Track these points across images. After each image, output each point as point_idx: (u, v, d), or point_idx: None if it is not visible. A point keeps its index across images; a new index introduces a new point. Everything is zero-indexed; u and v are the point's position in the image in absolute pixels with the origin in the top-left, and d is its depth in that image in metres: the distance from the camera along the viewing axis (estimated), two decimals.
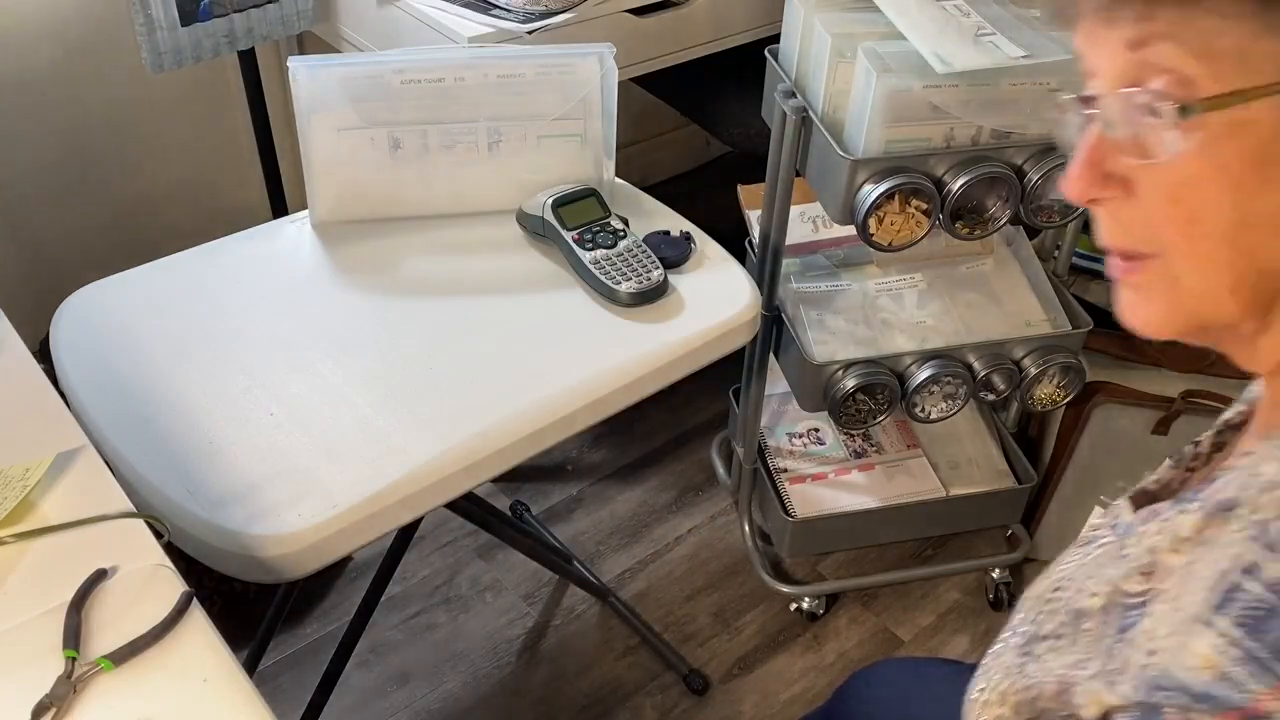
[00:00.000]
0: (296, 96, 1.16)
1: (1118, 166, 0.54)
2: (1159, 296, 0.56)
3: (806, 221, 1.64)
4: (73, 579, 0.75)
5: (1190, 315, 0.56)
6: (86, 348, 1.07)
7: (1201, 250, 0.53)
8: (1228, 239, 0.52)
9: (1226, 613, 0.48)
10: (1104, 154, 0.54)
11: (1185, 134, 0.50)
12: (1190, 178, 0.51)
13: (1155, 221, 0.53)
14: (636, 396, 1.08)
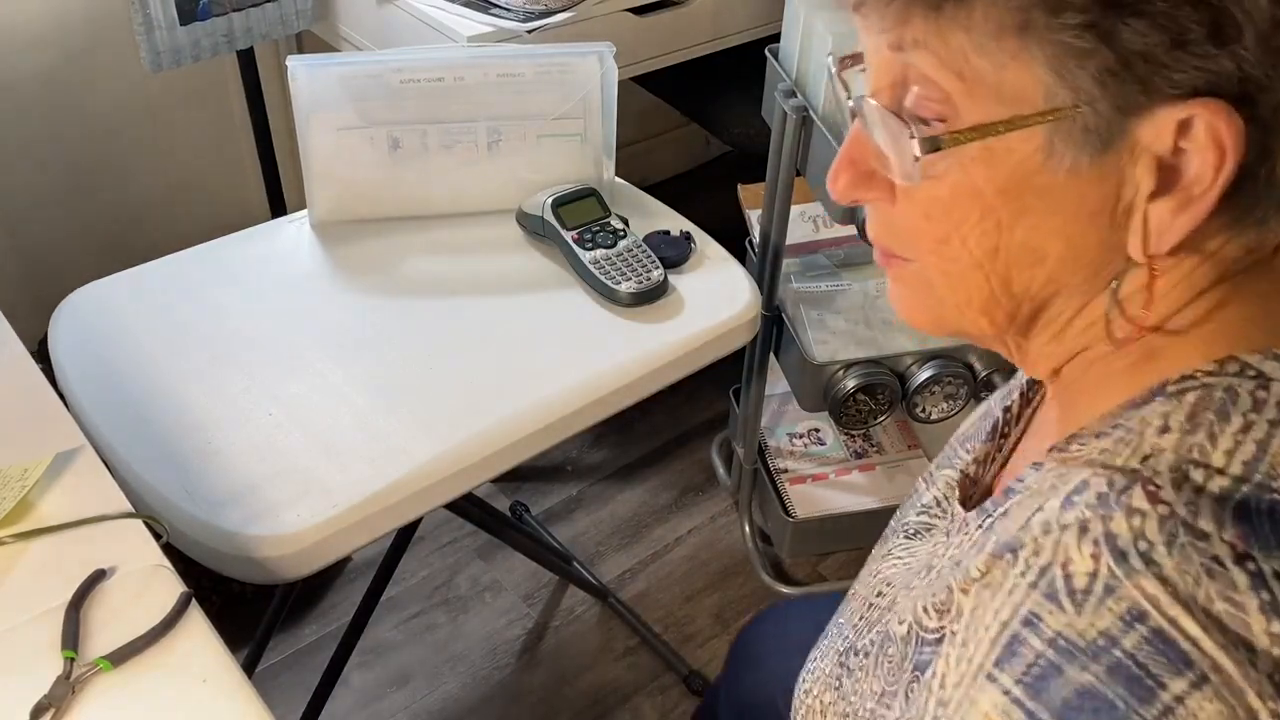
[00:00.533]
0: (295, 96, 1.16)
1: (880, 168, 0.51)
2: (917, 297, 0.55)
3: (807, 221, 1.63)
4: (71, 579, 0.75)
5: (945, 322, 0.55)
6: (85, 348, 1.06)
7: (952, 270, 0.51)
8: (977, 263, 0.50)
9: (1009, 669, 0.45)
10: (865, 154, 0.52)
11: (934, 161, 0.47)
12: (941, 199, 0.49)
13: (910, 233, 0.52)
14: (636, 396, 1.07)
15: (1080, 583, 0.44)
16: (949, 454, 0.71)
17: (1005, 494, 0.53)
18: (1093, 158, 0.45)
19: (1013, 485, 0.53)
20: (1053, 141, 0.45)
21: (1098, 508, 0.45)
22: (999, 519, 0.52)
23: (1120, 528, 0.44)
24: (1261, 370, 0.47)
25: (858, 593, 0.69)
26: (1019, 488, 0.52)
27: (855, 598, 0.69)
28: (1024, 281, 0.50)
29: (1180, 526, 0.43)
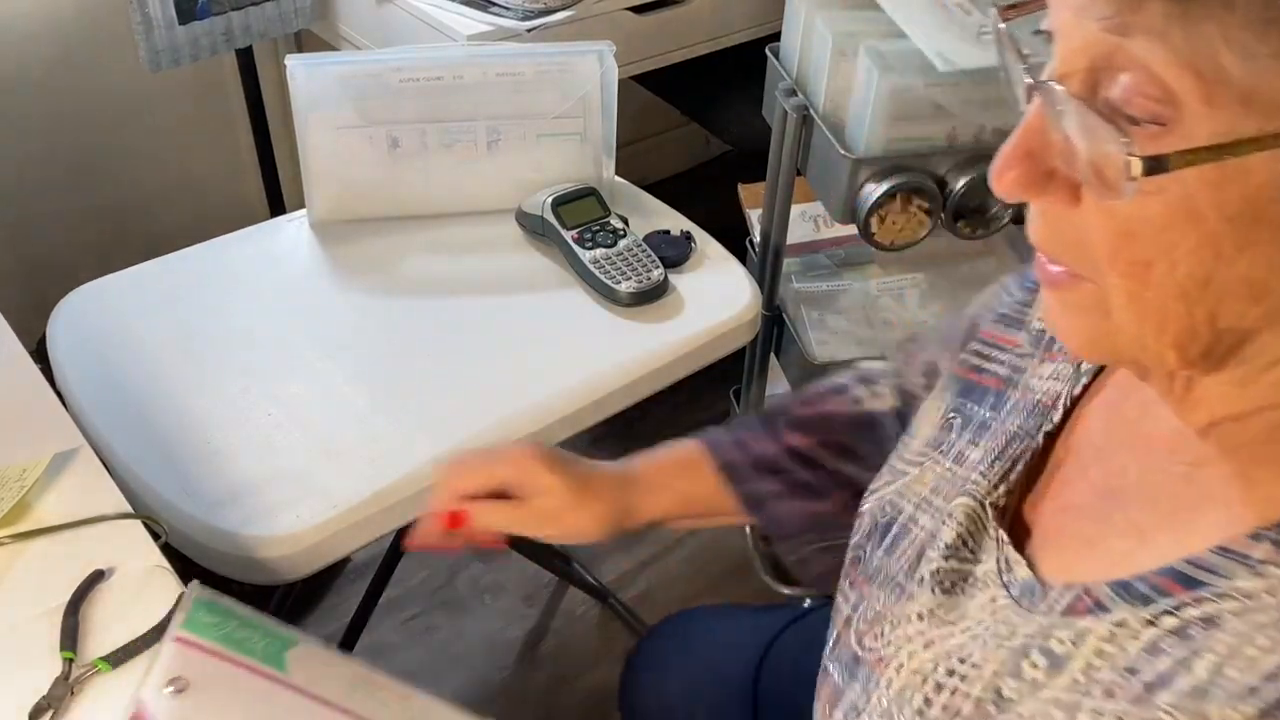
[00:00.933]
0: (294, 95, 1.15)
1: (1063, 167, 0.43)
2: (1086, 321, 0.46)
3: (807, 221, 1.63)
4: (69, 580, 0.75)
5: (1117, 352, 0.47)
6: (83, 347, 1.06)
7: (1148, 298, 0.43)
8: (1183, 293, 0.42)
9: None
10: (1046, 146, 0.43)
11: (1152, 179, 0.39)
12: (1151, 219, 0.40)
13: (1097, 250, 0.43)
14: (637, 396, 1.07)
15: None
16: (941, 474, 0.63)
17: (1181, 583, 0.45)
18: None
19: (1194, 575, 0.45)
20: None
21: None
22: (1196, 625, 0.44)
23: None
24: None
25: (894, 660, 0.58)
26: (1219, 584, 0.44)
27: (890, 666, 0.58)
28: (1233, 317, 0.42)
29: None
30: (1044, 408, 0.60)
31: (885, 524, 0.65)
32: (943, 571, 0.58)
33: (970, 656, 0.53)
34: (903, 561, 0.62)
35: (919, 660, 0.56)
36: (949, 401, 0.67)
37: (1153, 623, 0.45)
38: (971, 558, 0.58)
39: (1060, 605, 0.50)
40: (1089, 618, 0.48)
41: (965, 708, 0.52)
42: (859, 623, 0.63)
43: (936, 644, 0.56)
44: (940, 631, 0.56)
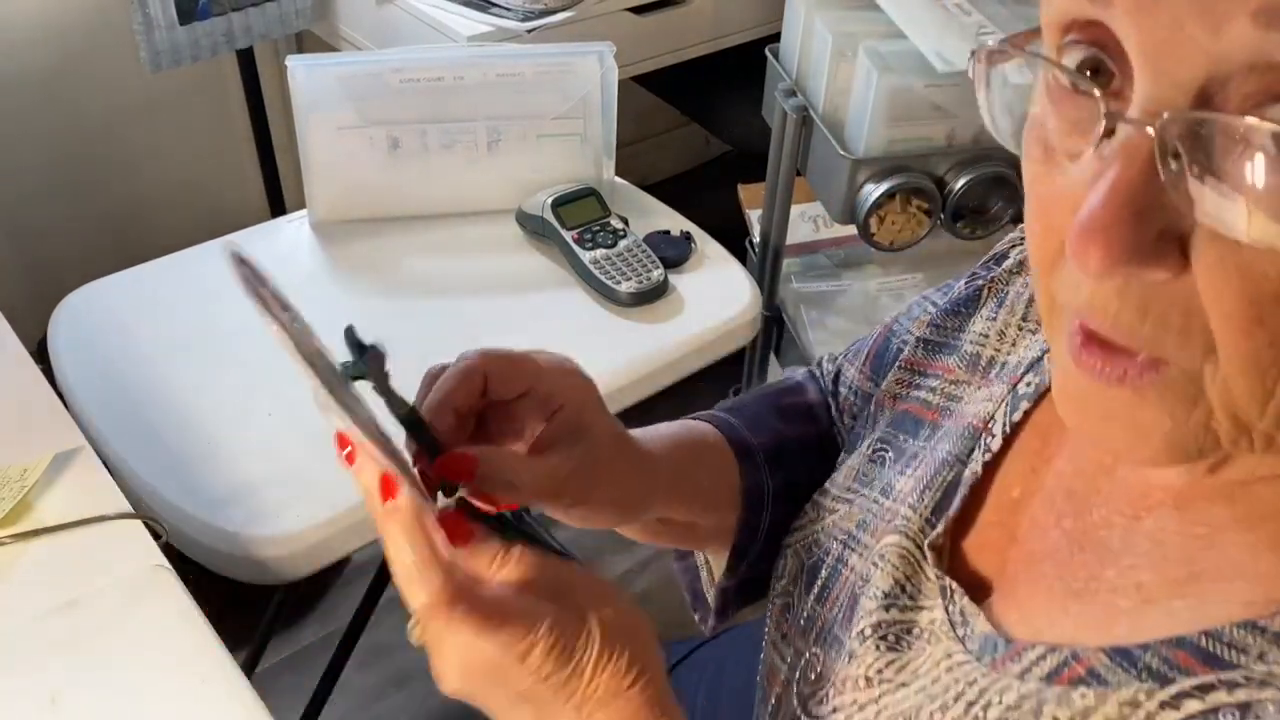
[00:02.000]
0: (295, 95, 1.16)
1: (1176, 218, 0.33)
2: (1167, 417, 0.37)
3: (807, 221, 1.63)
4: (69, 580, 0.75)
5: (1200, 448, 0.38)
6: (84, 348, 1.06)
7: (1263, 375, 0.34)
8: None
9: None
10: (1160, 195, 0.33)
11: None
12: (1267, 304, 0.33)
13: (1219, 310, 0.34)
14: (637, 397, 1.07)
15: None
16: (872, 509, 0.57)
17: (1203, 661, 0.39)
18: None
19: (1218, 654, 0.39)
20: None
21: None
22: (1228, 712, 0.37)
23: None
24: None
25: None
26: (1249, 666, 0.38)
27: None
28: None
29: None
30: (975, 430, 0.54)
31: (812, 566, 0.59)
32: (884, 625, 0.51)
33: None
34: (837, 611, 0.55)
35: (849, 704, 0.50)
36: (877, 433, 0.61)
37: (1173, 706, 0.39)
38: (912, 604, 0.51)
39: (1040, 670, 0.44)
40: (1086, 690, 0.41)
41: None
42: (800, 684, 0.56)
43: (889, 709, 0.49)
44: (892, 695, 0.50)
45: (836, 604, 0.56)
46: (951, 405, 0.58)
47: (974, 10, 1.25)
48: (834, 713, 0.52)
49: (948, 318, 0.63)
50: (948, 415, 0.58)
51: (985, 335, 0.60)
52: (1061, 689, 0.42)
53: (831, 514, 0.60)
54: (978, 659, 0.47)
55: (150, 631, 0.72)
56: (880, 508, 0.56)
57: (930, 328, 0.63)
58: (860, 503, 0.58)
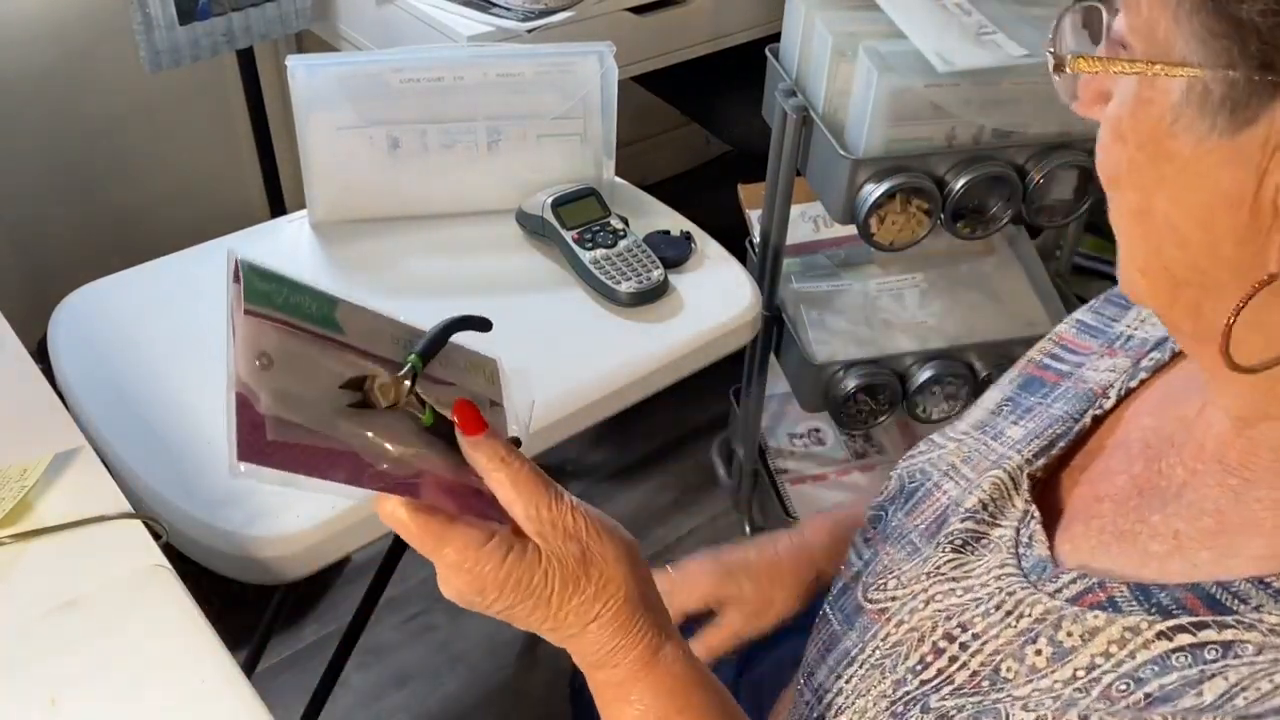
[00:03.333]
0: (295, 95, 1.15)
1: None
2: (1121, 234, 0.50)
3: (807, 221, 1.63)
4: (69, 580, 0.75)
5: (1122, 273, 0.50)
6: (84, 347, 1.06)
7: (1120, 213, 0.48)
8: (1135, 214, 0.47)
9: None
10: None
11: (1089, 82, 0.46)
12: (1104, 134, 0.47)
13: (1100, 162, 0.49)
14: (636, 396, 1.07)
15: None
16: (979, 449, 0.64)
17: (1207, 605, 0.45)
18: (1222, 134, 0.41)
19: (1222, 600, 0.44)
20: (1182, 105, 0.42)
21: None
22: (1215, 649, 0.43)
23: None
24: None
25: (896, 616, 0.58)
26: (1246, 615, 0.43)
27: (892, 622, 0.58)
28: (1171, 260, 0.46)
29: None
30: (1093, 394, 0.61)
31: (911, 489, 0.66)
32: (959, 533, 0.58)
33: (972, 626, 0.53)
34: (919, 522, 0.62)
35: (918, 618, 0.57)
36: (1007, 391, 0.68)
37: (1167, 636, 0.45)
38: (990, 521, 0.58)
39: (1069, 592, 0.50)
40: (1100, 614, 0.48)
41: (960, 677, 0.52)
42: (867, 576, 0.63)
43: (936, 601, 0.56)
44: (941, 588, 0.57)
45: (921, 518, 0.63)
46: (1075, 371, 0.65)
47: (974, 10, 1.25)
48: (891, 600, 0.59)
49: (1108, 304, 0.69)
50: (1069, 379, 0.65)
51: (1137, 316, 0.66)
52: (1080, 609, 0.49)
53: (942, 449, 0.67)
54: (1025, 576, 0.53)
55: (150, 631, 0.72)
56: (987, 449, 0.63)
57: (1091, 312, 0.69)
58: (970, 443, 0.65)
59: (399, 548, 1.47)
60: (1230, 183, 0.42)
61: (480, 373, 0.66)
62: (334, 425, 0.56)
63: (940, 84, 1.20)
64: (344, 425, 0.56)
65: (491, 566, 0.54)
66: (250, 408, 0.57)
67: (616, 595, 0.56)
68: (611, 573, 0.56)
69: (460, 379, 0.62)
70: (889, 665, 0.56)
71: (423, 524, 0.55)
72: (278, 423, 0.56)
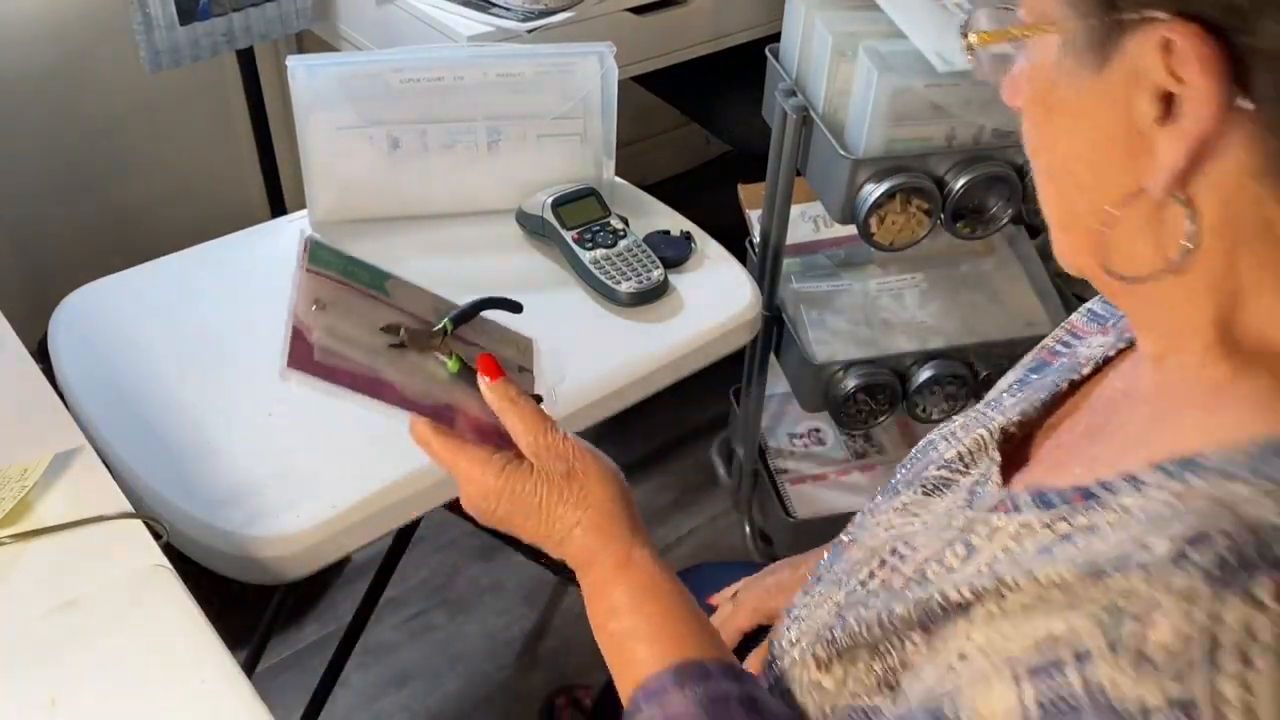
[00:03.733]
0: (295, 95, 1.16)
1: None
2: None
3: (807, 221, 1.63)
4: (69, 580, 0.75)
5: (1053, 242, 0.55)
6: (85, 347, 1.06)
7: (1040, 180, 0.53)
8: (1049, 174, 0.52)
9: (1037, 683, 0.43)
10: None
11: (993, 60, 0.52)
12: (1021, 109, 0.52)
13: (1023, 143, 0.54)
14: (636, 397, 1.07)
15: (1153, 650, 0.40)
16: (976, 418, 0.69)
17: (1083, 497, 0.49)
18: (1094, 75, 0.47)
19: (1097, 492, 0.49)
20: (1063, 56, 0.48)
21: (1215, 580, 0.40)
22: (1081, 531, 0.48)
23: (1231, 615, 0.39)
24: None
25: (860, 541, 0.66)
26: (1109, 500, 0.48)
27: (857, 546, 0.66)
28: (1078, 207, 0.51)
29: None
30: (1079, 366, 0.66)
31: (919, 452, 0.72)
32: (932, 479, 0.66)
33: (914, 541, 0.61)
34: (907, 474, 0.70)
35: (876, 540, 0.64)
36: (1020, 375, 0.73)
37: (1049, 526, 0.50)
38: (963, 471, 0.64)
39: (985, 504, 0.57)
40: (1003, 516, 0.53)
41: (896, 582, 0.59)
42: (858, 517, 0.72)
43: (894, 529, 0.64)
44: (902, 519, 0.65)
45: (913, 471, 0.70)
46: (1069, 349, 0.70)
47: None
48: (861, 530, 0.68)
49: None
50: (1063, 356, 0.70)
51: None
52: (989, 514, 0.55)
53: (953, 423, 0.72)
54: (970, 494, 0.60)
55: (150, 631, 0.72)
56: (984, 416, 0.68)
57: (1101, 302, 0.72)
58: (974, 414, 0.71)
59: (399, 548, 1.47)
60: (1107, 118, 0.47)
61: (513, 345, 0.81)
62: (374, 358, 0.71)
63: (940, 84, 1.21)
64: (382, 360, 0.72)
65: (493, 475, 0.68)
66: (303, 338, 0.70)
67: (595, 505, 0.68)
68: (592, 487, 0.69)
69: (491, 346, 0.77)
70: (843, 579, 0.64)
71: (443, 441, 0.70)
72: (325, 350, 0.70)
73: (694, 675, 0.61)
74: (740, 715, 0.59)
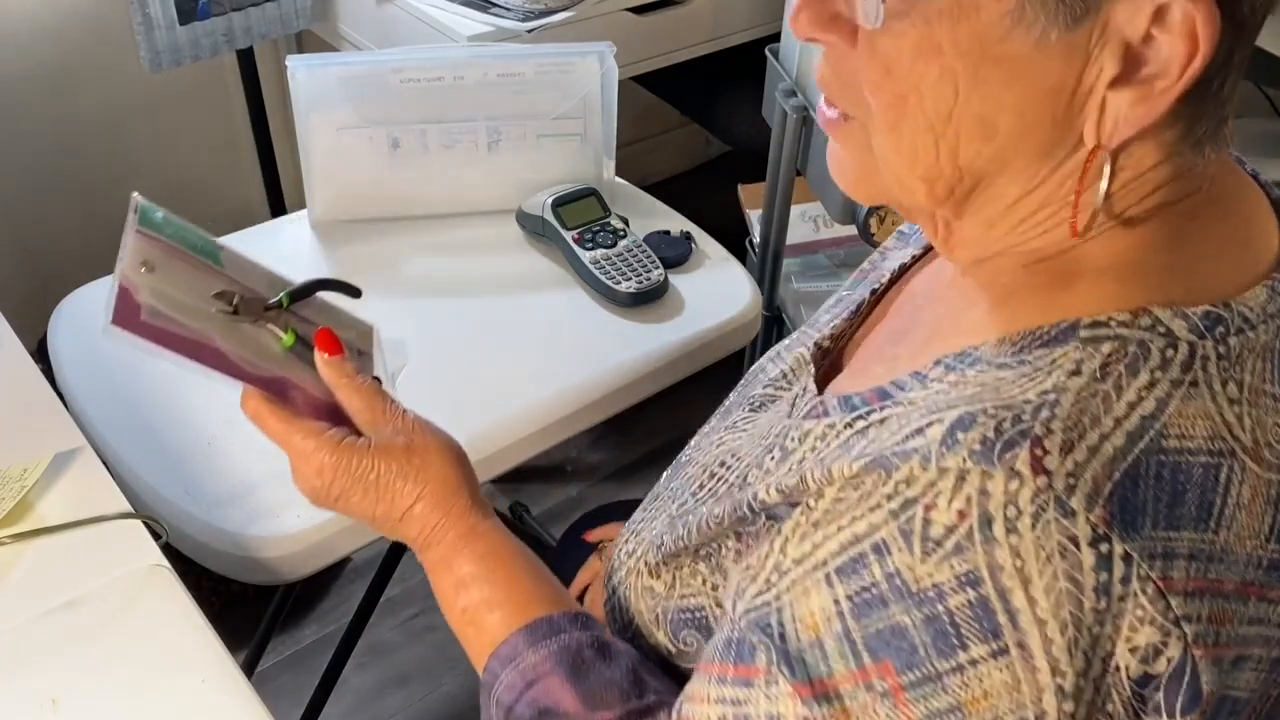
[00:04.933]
0: (295, 95, 1.15)
1: (844, 8, 0.49)
2: (854, 159, 0.54)
3: (807, 221, 1.63)
4: (69, 580, 0.75)
5: (878, 188, 0.54)
6: (84, 348, 1.06)
7: (903, 131, 0.49)
8: (929, 126, 0.48)
9: (846, 582, 0.47)
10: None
11: (900, 8, 0.45)
12: (904, 52, 0.46)
13: (864, 84, 0.49)
14: (636, 397, 1.07)
15: (936, 532, 0.44)
16: (798, 338, 0.71)
17: (879, 396, 0.52)
18: (1061, 31, 0.44)
19: (890, 391, 0.52)
20: (1024, 6, 0.44)
21: (980, 457, 0.44)
22: (875, 425, 0.50)
23: (995, 488, 0.43)
24: (1170, 328, 0.47)
25: (694, 459, 0.68)
26: (899, 396, 0.51)
27: (692, 464, 0.68)
28: (970, 155, 0.49)
29: (1052, 502, 0.43)
30: (881, 278, 0.69)
31: (750, 374, 0.74)
32: (759, 397, 0.68)
33: (739, 453, 0.63)
34: (739, 397, 0.72)
35: (709, 455, 0.66)
36: (840, 294, 0.75)
37: (850, 425, 0.52)
38: (786, 387, 0.66)
39: (801, 412, 0.59)
40: (814, 421, 0.56)
41: (721, 489, 0.61)
42: (695, 439, 0.74)
43: (724, 444, 0.66)
44: (731, 435, 0.66)
45: (743, 394, 0.72)
46: (875, 267, 0.73)
47: None
48: (696, 450, 0.70)
49: None
50: (871, 271, 0.72)
51: None
52: (803, 420, 0.57)
53: (782, 345, 0.74)
54: (790, 405, 0.62)
55: (150, 631, 0.72)
56: (804, 335, 0.70)
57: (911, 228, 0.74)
58: (797, 335, 0.73)
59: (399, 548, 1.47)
60: (1059, 73, 0.45)
61: (353, 330, 0.78)
62: (205, 324, 0.68)
63: None
64: (213, 327, 0.69)
65: (328, 450, 0.66)
66: (129, 296, 0.66)
67: (435, 478, 0.67)
68: (432, 459, 0.68)
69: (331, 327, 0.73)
70: (678, 493, 0.67)
71: (275, 413, 0.68)
72: (152, 310, 0.66)
73: (544, 631, 0.63)
74: (592, 658, 0.61)
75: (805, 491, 0.51)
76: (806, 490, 0.50)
